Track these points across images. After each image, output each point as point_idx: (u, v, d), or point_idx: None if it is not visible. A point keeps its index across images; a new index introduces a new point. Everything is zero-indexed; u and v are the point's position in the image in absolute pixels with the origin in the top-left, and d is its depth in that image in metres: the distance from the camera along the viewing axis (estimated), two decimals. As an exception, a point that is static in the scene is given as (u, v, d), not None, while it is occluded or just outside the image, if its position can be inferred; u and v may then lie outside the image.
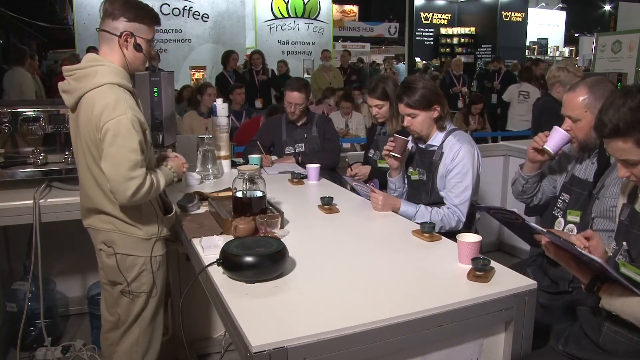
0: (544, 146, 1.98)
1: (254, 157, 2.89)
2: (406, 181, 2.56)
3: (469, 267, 1.55)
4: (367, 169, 2.99)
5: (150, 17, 1.86)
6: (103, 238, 1.93)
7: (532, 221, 1.67)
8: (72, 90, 1.82)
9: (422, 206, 2.29)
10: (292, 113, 3.19)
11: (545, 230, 1.49)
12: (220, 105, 2.95)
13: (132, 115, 1.74)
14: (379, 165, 2.93)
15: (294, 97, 3.17)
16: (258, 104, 7.01)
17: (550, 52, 17.27)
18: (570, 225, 1.89)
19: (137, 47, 1.82)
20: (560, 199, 2.02)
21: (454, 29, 16.89)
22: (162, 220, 1.98)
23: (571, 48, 17.83)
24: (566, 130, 1.95)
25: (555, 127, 1.96)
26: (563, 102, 1.94)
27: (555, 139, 1.96)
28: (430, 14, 16.88)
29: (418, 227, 1.93)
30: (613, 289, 1.38)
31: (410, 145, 2.42)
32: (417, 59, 14.57)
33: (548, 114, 3.49)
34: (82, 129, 1.82)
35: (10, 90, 6.19)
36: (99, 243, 1.95)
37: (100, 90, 1.76)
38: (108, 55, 1.83)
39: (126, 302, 1.97)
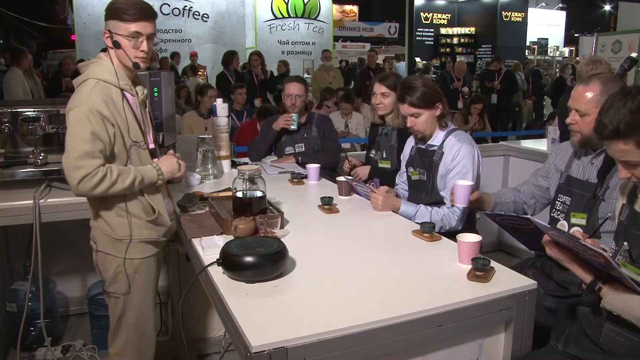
0: (456, 204, 1.98)
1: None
2: (406, 181, 2.56)
3: (469, 267, 1.55)
4: (366, 169, 2.99)
5: (125, 14, 1.82)
6: (91, 234, 1.97)
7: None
8: (74, 84, 1.90)
9: (422, 206, 2.28)
10: (292, 106, 3.18)
11: (549, 226, 1.49)
12: (220, 105, 2.96)
13: (89, 107, 1.74)
14: (380, 165, 2.94)
15: (293, 89, 3.17)
16: (257, 103, 7.03)
17: (550, 52, 17.26)
18: (576, 228, 1.88)
19: (115, 44, 1.84)
20: (559, 201, 2.00)
21: (454, 29, 16.87)
22: (141, 222, 1.91)
23: (571, 48, 17.81)
24: (571, 124, 1.92)
25: (455, 185, 1.99)
26: (572, 94, 1.90)
27: (459, 194, 1.97)
28: (430, 14, 16.86)
29: (418, 227, 1.93)
30: (615, 289, 1.37)
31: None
32: (417, 59, 14.56)
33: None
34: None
35: (8, 91, 6.21)
36: (90, 239, 2.00)
37: (82, 84, 1.82)
38: (108, 53, 1.90)
39: (111, 303, 1.99)
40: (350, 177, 2.53)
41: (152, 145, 1.98)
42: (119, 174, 1.79)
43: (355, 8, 18.10)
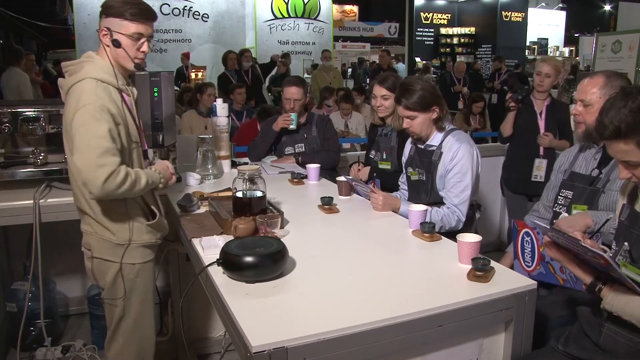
0: (411, 228, 1.99)
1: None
2: (405, 181, 2.56)
3: (469, 267, 1.55)
4: (366, 169, 2.99)
5: (129, 12, 1.79)
6: (84, 240, 1.93)
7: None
8: (63, 85, 1.84)
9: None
10: (292, 109, 3.19)
11: (549, 227, 1.49)
12: (220, 105, 2.96)
13: (99, 104, 1.70)
14: (380, 166, 2.93)
15: (292, 93, 3.17)
16: (251, 103, 7.02)
17: (550, 52, 17.26)
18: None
19: (115, 43, 1.80)
20: (561, 196, 2.06)
21: (454, 29, 16.86)
22: (142, 226, 1.90)
23: (571, 48, 17.81)
24: (575, 115, 1.99)
25: (409, 211, 2.01)
26: (578, 87, 2.02)
27: (413, 218, 1.99)
28: (430, 14, 16.84)
29: (418, 227, 1.93)
30: (615, 290, 1.37)
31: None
32: (417, 59, 14.55)
33: None
34: (64, 123, 1.82)
35: (7, 91, 6.18)
36: (82, 246, 1.96)
37: (79, 84, 1.76)
38: (100, 53, 1.86)
39: (108, 309, 1.95)
40: (350, 177, 2.53)
41: (145, 147, 1.97)
42: (137, 175, 1.76)
43: (355, 8, 18.08)
